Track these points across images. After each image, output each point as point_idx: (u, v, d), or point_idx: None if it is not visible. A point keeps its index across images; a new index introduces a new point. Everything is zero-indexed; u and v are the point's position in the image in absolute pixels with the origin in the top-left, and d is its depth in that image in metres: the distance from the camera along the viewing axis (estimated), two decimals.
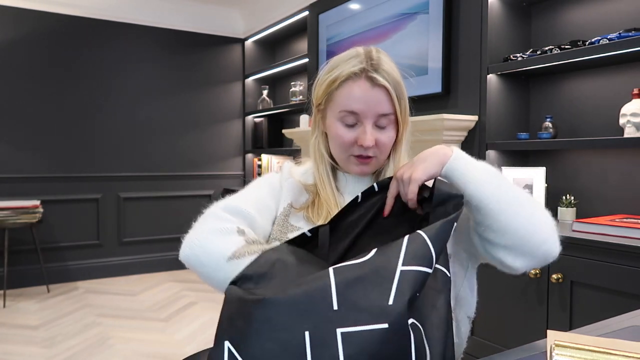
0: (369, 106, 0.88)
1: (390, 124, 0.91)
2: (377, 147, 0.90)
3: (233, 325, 0.60)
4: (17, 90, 3.71)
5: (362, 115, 0.88)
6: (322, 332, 0.58)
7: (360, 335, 0.58)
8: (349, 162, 0.93)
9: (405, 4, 2.69)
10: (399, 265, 0.62)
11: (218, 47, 4.52)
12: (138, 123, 4.17)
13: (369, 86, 0.88)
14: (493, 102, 2.29)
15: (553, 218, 0.84)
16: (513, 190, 0.81)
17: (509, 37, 2.33)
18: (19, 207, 3.37)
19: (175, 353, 2.56)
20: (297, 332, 0.57)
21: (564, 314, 1.74)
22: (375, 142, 0.89)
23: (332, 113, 0.92)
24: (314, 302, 0.59)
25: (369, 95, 0.88)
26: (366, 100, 0.88)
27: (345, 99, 0.89)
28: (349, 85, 0.89)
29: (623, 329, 0.79)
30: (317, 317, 0.58)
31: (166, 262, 4.31)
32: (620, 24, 2.00)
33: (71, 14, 3.88)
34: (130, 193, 4.15)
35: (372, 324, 0.59)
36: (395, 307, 0.60)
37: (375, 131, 0.90)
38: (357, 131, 0.90)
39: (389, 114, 0.89)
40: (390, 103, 0.88)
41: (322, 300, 0.59)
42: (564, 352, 0.63)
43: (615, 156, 2.03)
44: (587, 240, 1.66)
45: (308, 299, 0.59)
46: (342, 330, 0.58)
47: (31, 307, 3.31)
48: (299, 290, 0.60)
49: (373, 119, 0.89)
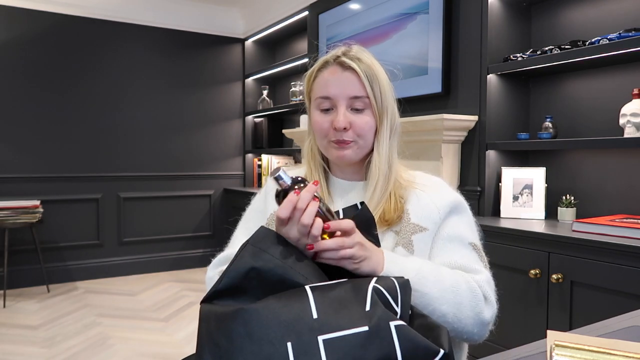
0: (339, 89, 0.91)
1: (366, 108, 0.92)
2: (354, 131, 0.92)
3: (214, 343, 0.59)
4: (17, 91, 3.71)
5: (334, 98, 0.91)
6: (305, 341, 0.57)
7: (342, 340, 0.58)
8: (330, 148, 0.94)
9: (405, 4, 2.69)
10: (371, 283, 0.66)
11: (218, 47, 4.52)
12: (138, 123, 4.17)
13: (339, 70, 0.92)
14: (493, 102, 2.29)
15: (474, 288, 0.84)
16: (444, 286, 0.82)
17: (509, 37, 2.33)
18: (19, 207, 3.37)
19: (175, 353, 2.56)
20: (280, 344, 0.57)
21: (564, 314, 1.74)
22: (350, 125, 0.91)
23: (312, 105, 0.96)
24: (293, 312, 0.59)
25: (340, 78, 0.91)
26: (337, 83, 0.91)
27: (319, 86, 0.94)
28: (322, 73, 0.94)
29: (623, 329, 0.79)
30: (298, 327, 0.58)
31: (166, 262, 4.31)
32: (620, 24, 2.00)
33: (71, 14, 3.88)
34: (130, 193, 4.15)
35: (352, 328, 0.59)
36: (374, 312, 0.61)
37: (350, 114, 0.92)
38: (332, 115, 0.93)
39: (361, 96, 0.91)
40: (361, 85, 0.91)
41: (301, 311, 0.59)
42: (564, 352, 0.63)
43: (615, 156, 2.03)
44: (587, 240, 1.66)
45: (288, 310, 0.59)
46: (324, 337, 0.58)
47: (31, 307, 3.31)
48: (278, 304, 0.60)
49: (345, 101, 0.91)
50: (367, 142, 0.94)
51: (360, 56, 0.92)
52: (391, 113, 0.95)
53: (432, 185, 0.98)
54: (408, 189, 0.96)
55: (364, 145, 0.94)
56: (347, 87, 0.91)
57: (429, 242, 0.91)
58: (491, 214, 2.30)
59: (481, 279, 0.86)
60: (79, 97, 3.93)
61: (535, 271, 1.79)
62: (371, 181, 0.94)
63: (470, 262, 0.89)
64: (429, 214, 0.92)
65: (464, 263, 0.89)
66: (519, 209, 2.20)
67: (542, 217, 2.16)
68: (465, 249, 0.91)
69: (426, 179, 1.00)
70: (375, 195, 0.93)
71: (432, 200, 0.94)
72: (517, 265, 1.87)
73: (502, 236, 1.94)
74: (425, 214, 0.92)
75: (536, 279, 1.80)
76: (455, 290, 0.81)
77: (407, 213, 0.92)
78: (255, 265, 0.65)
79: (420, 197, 0.94)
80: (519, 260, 1.87)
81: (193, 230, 4.44)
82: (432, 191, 0.96)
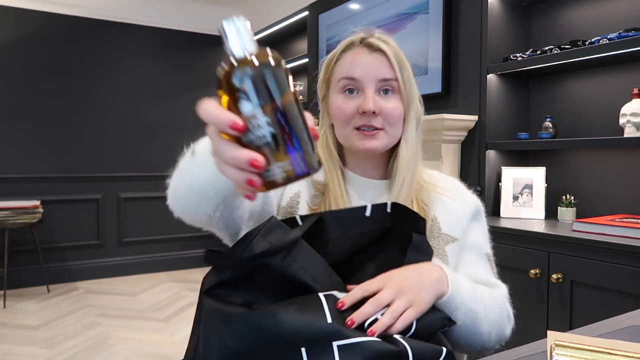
0: (368, 70, 0.83)
1: (395, 93, 0.85)
2: (383, 118, 0.83)
3: (224, 344, 0.58)
4: (17, 91, 3.71)
5: (362, 80, 0.83)
6: (319, 347, 0.57)
7: (357, 347, 0.57)
8: (353, 137, 0.84)
9: (405, 4, 2.69)
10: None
11: (218, 47, 4.51)
12: (138, 123, 4.17)
13: (366, 51, 0.85)
14: (493, 102, 2.29)
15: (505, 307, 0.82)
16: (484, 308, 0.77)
17: (509, 37, 2.33)
18: (19, 207, 3.37)
19: (175, 353, 2.56)
20: (294, 349, 0.56)
21: (564, 314, 1.74)
22: (379, 110, 0.82)
23: (333, 90, 0.88)
24: (307, 317, 0.58)
25: (368, 59, 0.84)
26: (365, 65, 0.83)
27: (343, 67, 0.85)
28: (346, 54, 0.86)
29: (623, 329, 0.79)
30: (312, 332, 0.57)
31: (166, 262, 4.31)
32: (620, 24, 2.00)
33: (71, 14, 3.88)
34: (130, 193, 4.15)
35: (366, 335, 0.59)
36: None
37: (378, 98, 0.83)
38: (358, 99, 0.84)
39: (391, 79, 0.84)
40: (391, 68, 0.84)
41: (316, 315, 0.58)
42: (564, 352, 0.63)
43: (615, 156, 2.03)
44: (587, 240, 1.66)
45: (301, 314, 0.58)
46: (339, 343, 0.57)
47: (31, 307, 3.31)
48: (292, 308, 0.59)
49: (374, 84, 0.83)
50: (396, 131, 0.85)
51: (387, 39, 0.86)
52: (417, 103, 0.87)
53: (454, 189, 0.91)
54: (430, 192, 0.88)
55: (393, 135, 0.85)
56: (376, 70, 0.83)
57: (459, 253, 0.85)
58: (491, 214, 2.30)
59: (503, 295, 0.83)
60: (79, 97, 3.93)
61: (535, 271, 1.79)
62: (398, 178, 0.85)
63: (489, 276, 0.86)
64: (457, 222, 0.86)
65: (485, 278, 0.85)
66: (519, 209, 2.20)
67: (542, 217, 2.16)
68: (482, 261, 0.87)
69: (446, 181, 0.93)
70: (401, 197, 0.84)
71: (458, 207, 0.87)
72: (517, 265, 1.87)
73: (502, 236, 1.94)
74: (454, 223, 0.86)
75: (536, 278, 1.81)
76: (491, 309, 0.78)
77: (436, 222, 0.85)
78: (264, 260, 0.62)
79: (446, 203, 0.87)
80: (519, 260, 1.87)
81: (193, 230, 4.43)
82: (456, 196, 0.89)
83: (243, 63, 0.44)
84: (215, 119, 0.44)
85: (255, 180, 0.45)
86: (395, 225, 0.76)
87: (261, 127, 0.44)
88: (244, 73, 0.44)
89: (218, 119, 0.43)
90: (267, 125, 0.44)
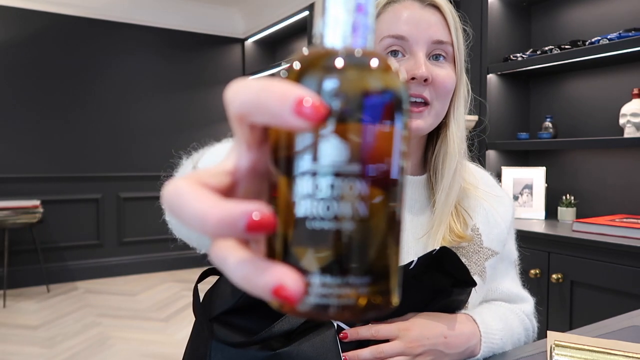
0: (419, 28, 0.66)
1: (448, 61, 0.69)
2: (434, 88, 0.67)
3: None
4: (17, 91, 3.71)
5: (411, 40, 0.66)
6: None
7: None
8: None
9: None
10: None
11: (218, 47, 4.52)
12: (138, 123, 4.17)
13: (418, 5, 0.68)
14: (493, 102, 2.29)
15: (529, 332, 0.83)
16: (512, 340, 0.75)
17: (509, 37, 2.33)
18: (19, 207, 3.37)
19: (175, 353, 2.56)
20: None
21: (564, 314, 1.74)
22: (432, 77, 0.66)
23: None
24: (321, 352, 0.58)
25: (419, 15, 0.67)
26: (416, 21, 0.67)
27: (388, 23, 0.67)
28: (392, 7, 0.68)
29: (623, 329, 0.79)
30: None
31: (166, 262, 4.31)
32: (620, 24, 2.00)
33: (71, 14, 3.88)
34: (130, 193, 4.15)
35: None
36: None
37: (430, 64, 0.67)
38: (406, 63, 0.67)
39: (446, 42, 0.68)
40: (447, 29, 0.68)
41: (329, 351, 0.59)
42: (564, 352, 0.63)
43: (615, 156, 2.03)
44: (587, 240, 1.66)
45: (314, 350, 0.58)
46: None
47: (31, 307, 3.31)
48: (307, 343, 0.59)
49: (426, 46, 0.67)
50: (443, 109, 0.69)
51: None
52: (465, 78, 0.74)
53: (492, 192, 0.80)
54: (471, 196, 0.76)
55: (439, 112, 0.69)
56: (429, 28, 0.67)
57: (495, 266, 0.77)
58: None
59: (530, 311, 0.83)
60: (79, 97, 3.93)
61: (535, 271, 1.79)
62: (446, 172, 0.70)
63: (519, 289, 0.84)
64: (498, 235, 0.77)
65: (515, 292, 0.82)
66: (519, 209, 2.20)
67: (542, 217, 2.16)
68: (512, 270, 0.84)
69: (483, 179, 0.82)
70: (450, 200, 0.70)
71: (500, 217, 0.78)
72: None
73: None
74: (496, 236, 0.76)
75: (536, 278, 1.80)
76: (518, 333, 0.77)
77: (477, 233, 0.74)
78: None
79: (488, 212, 0.77)
80: (519, 259, 1.87)
81: None
82: (497, 204, 0.78)
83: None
84: (276, 100, 0.21)
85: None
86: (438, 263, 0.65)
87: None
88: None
89: (282, 97, 0.21)
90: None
